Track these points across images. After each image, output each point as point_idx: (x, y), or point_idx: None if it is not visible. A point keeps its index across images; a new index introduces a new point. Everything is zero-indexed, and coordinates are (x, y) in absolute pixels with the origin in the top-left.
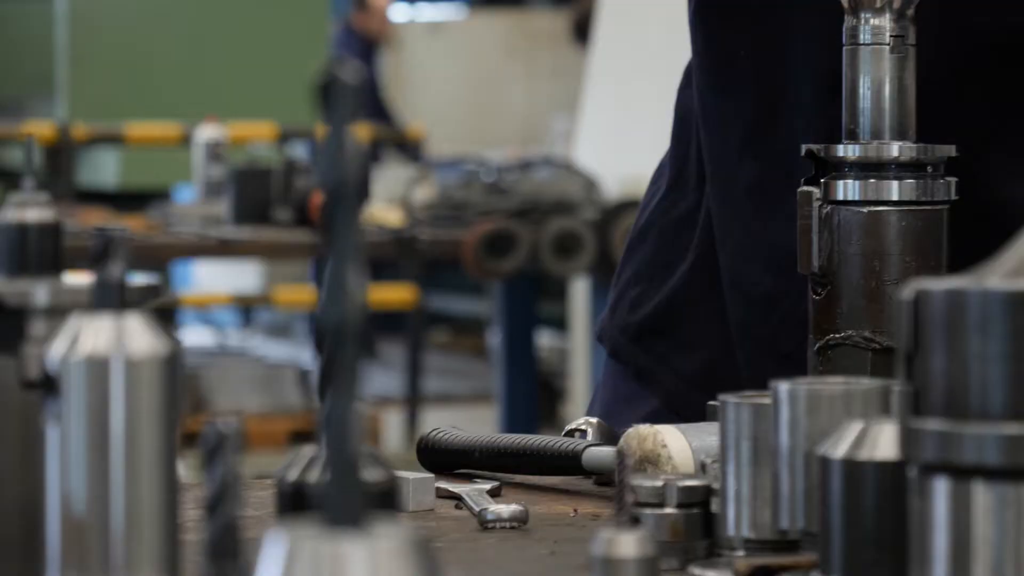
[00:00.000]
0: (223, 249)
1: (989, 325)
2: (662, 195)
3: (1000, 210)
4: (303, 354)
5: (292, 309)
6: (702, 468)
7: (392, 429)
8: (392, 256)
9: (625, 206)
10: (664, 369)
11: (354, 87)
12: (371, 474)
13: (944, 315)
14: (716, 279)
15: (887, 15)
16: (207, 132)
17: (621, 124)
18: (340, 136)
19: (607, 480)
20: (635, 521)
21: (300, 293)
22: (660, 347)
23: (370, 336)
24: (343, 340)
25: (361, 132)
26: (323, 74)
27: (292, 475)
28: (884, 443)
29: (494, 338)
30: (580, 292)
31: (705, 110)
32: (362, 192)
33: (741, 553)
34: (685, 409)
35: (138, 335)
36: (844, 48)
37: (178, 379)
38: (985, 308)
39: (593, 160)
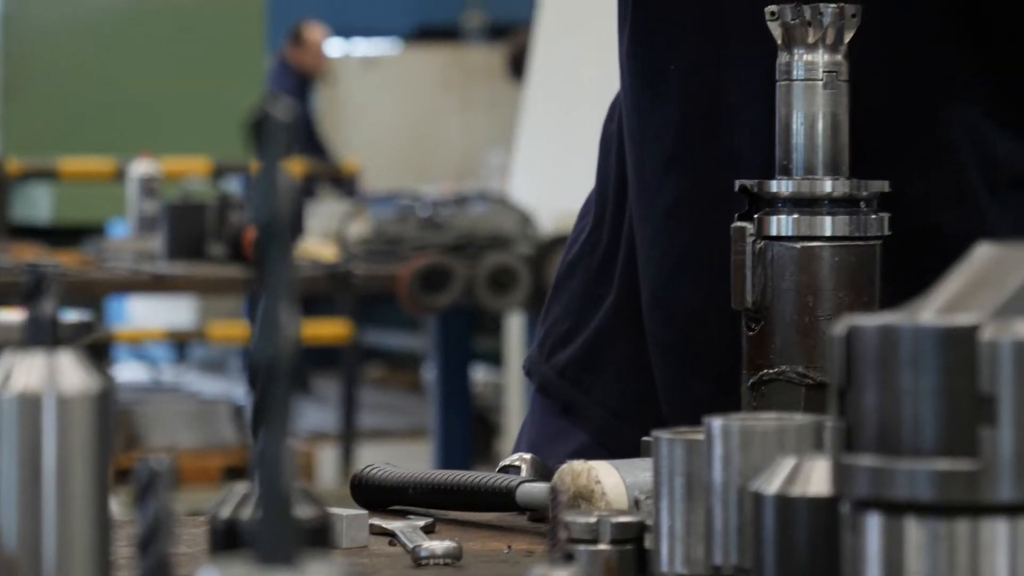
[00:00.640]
0: (157, 284)
1: (921, 361)
2: (589, 231)
3: (934, 239)
4: (237, 390)
5: (226, 344)
6: (636, 504)
7: (327, 465)
8: (327, 291)
9: (560, 241)
10: (592, 403)
11: (286, 124)
12: (304, 511)
13: (876, 351)
14: (640, 311)
15: (820, 51)
16: (141, 167)
17: (556, 159)
18: (273, 173)
19: (541, 516)
20: (569, 557)
21: (234, 329)
22: (588, 381)
23: (304, 372)
24: (276, 376)
25: (295, 167)
26: (256, 111)
27: (225, 512)
28: (817, 479)
29: (429, 373)
30: (515, 327)
31: (632, 127)
32: (295, 228)
33: None
34: (614, 443)
35: (70, 372)
36: (777, 84)
37: (110, 416)
38: (917, 344)
39: (528, 195)
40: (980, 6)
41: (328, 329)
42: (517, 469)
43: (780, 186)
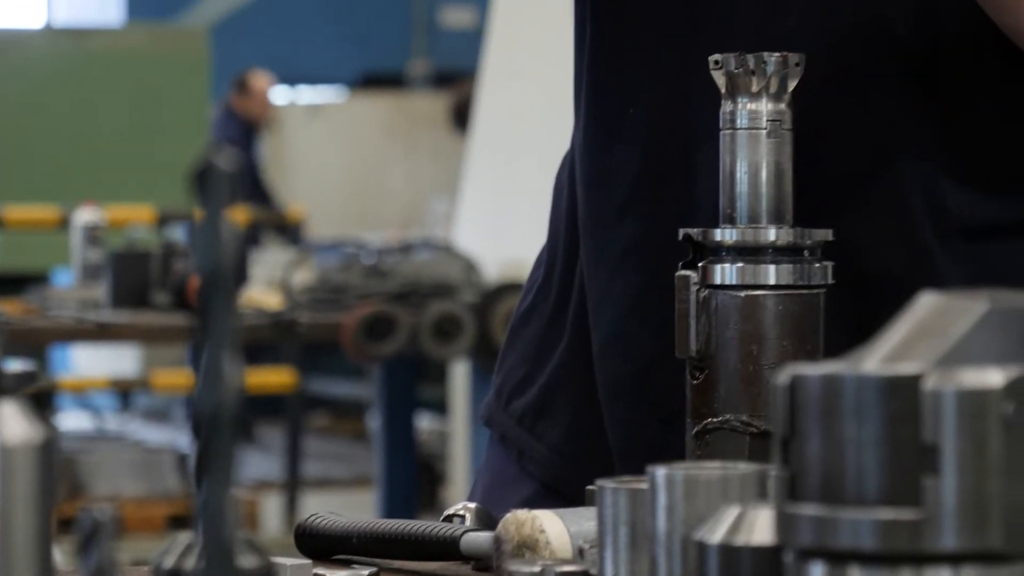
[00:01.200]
0: (101, 333)
1: (864, 410)
2: (542, 280)
3: (884, 287)
4: (181, 438)
5: (170, 393)
6: (580, 553)
7: (271, 513)
8: (271, 339)
9: (505, 289)
10: (545, 449)
11: (229, 173)
12: (248, 560)
13: (820, 400)
14: (591, 356)
15: (764, 100)
16: (85, 215)
17: (501, 207)
18: (216, 222)
19: (485, 566)
20: None
21: (178, 377)
22: (542, 427)
23: (247, 420)
24: (219, 425)
25: (240, 215)
26: (199, 160)
27: (168, 561)
28: (761, 528)
29: (374, 421)
30: (460, 375)
31: (588, 169)
32: (239, 277)
33: None
34: (568, 489)
35: (13, 422)
36: (721, 132)
37: (54, 465)
38: (860, 393)
39: (473, 243)
40: (932, 60)
41: (273, 377)
42: (462, 518)
43: (724, 235)
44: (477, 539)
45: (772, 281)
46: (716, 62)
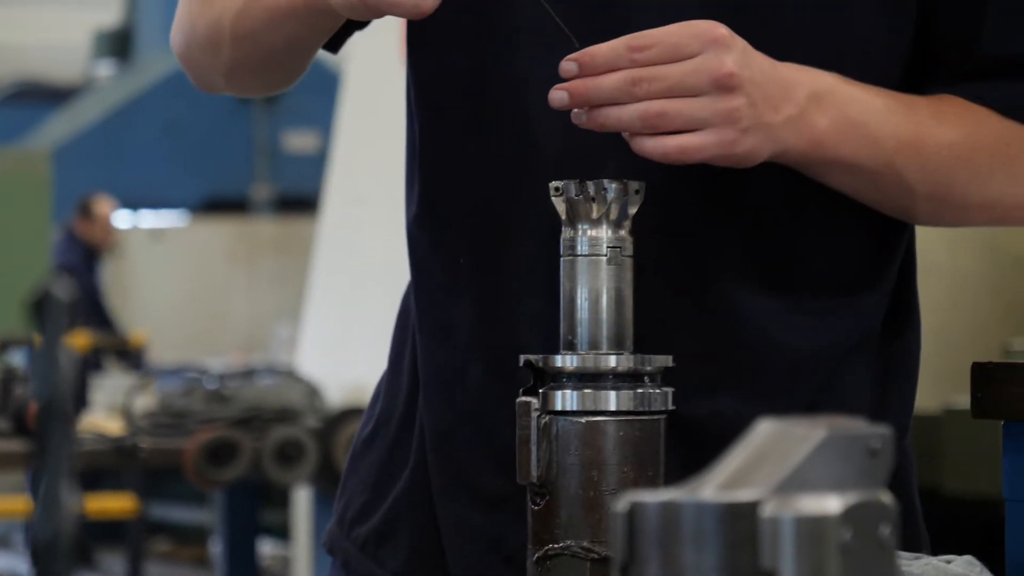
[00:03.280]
0: None
1: (703, 536)
2: (384, 405)
3: (693, 428)
4: (21, 565)
5: (10, 519)
6: None
7: None
8: (112, 465)
9: (347, 414)
10: (388, 575)
11: (68, 301)
12: None
13: (659, 527)
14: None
15: (604, 226)
16: None
17: (344, 332)
18: (54, 349)
19: None
20: None
21: (17, 503)
22: (384, 554)
23: (87, 546)
24: (57, 552)
25: (81, 340)
26: (37, 288)
27: None
28: None
29: (216, 547)
30: (303, 500)
31: (424, 315)
32: (77, 404)
33: None
34: None
35: None
36: (562, 259)
37: None
38: (699, 520)
39: (316, 368)
40: (746, 194)
41: (113, 503)
42: None
43: (565, 361)
44: None
45: (613, 407)
46: (556, 188)
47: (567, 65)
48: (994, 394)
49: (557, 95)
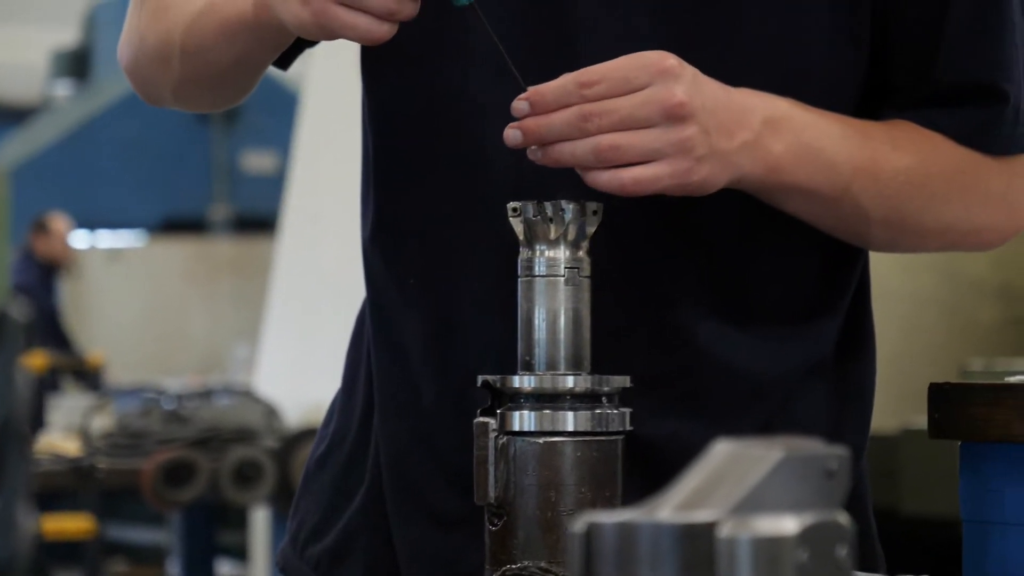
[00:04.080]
0: None
1: (660, 557)
2: (338, 425)
3: (650, 450)
4: None
5: None
6: None
7: None
8: (70, 486)
9: (305, 434)
10: None
11: (24, 323)
12: None
13: (616, 548)
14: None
15: (562, 247)
16: None
17: (301, 352)
18: (10, 370)
19: None
20: None
21: None
22: (339, 573)
23: (44, 567)
24: (13, 573)
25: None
26: None
27: None
28: None
29: (173, 568)
30: (260, 521)
31: (378, 334)
32: (33, 425)
33: None
34: None
35: None
36: (519, 279)
37: None
38: (656, 541)
39: (274, 388)
40: (701, 220)
41: (71, 524)
42: None
43: (522, 382)
44: None
45: (570, 428)
46: (514, 209)
47: (519, 105)
48: (951, 415)
49: (511, 134)
